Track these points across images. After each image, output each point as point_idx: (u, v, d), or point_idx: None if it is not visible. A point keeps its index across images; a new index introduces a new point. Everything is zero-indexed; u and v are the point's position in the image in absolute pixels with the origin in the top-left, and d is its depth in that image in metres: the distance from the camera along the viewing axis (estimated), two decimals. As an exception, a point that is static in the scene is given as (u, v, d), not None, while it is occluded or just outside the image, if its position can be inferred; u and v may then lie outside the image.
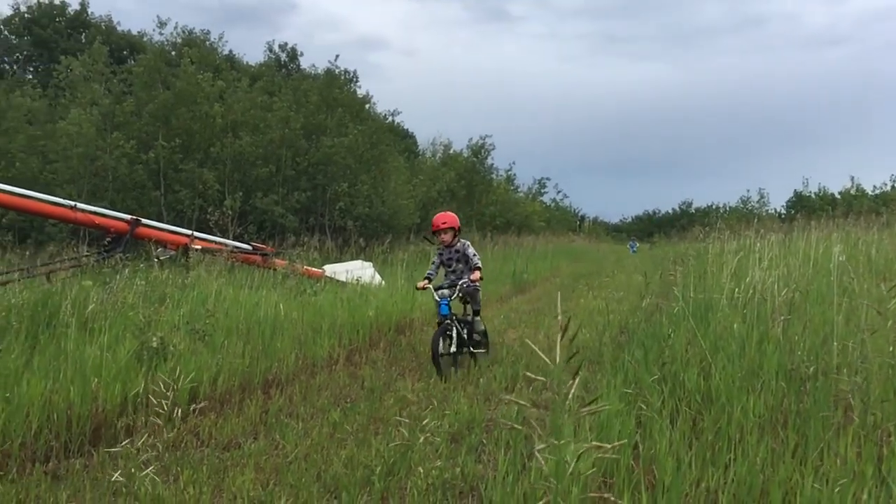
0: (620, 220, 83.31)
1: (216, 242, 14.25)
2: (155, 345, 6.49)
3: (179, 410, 5.76)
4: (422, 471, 4.39)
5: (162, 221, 16.76)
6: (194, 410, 5.85)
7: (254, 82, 26.09)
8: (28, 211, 13.92)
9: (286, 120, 22.52)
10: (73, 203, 13.70)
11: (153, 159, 20.32)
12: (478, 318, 8.36)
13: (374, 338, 9.25)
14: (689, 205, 72.22)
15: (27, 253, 12.97)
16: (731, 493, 3.68)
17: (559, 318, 3.15)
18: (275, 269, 13.02)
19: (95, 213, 13.81)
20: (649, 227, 70.44)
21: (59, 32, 35.59)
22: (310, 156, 22.99)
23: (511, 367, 7.62)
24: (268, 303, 9.21)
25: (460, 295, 8.07)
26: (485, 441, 5.17)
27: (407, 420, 5.46)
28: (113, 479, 4.35)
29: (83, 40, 34.57)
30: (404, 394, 6.65)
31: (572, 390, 3.02)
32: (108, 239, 12.64)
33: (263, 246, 15.11)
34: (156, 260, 12.23)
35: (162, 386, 5.85)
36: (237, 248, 14.41)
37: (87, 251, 13.90)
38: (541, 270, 20.82)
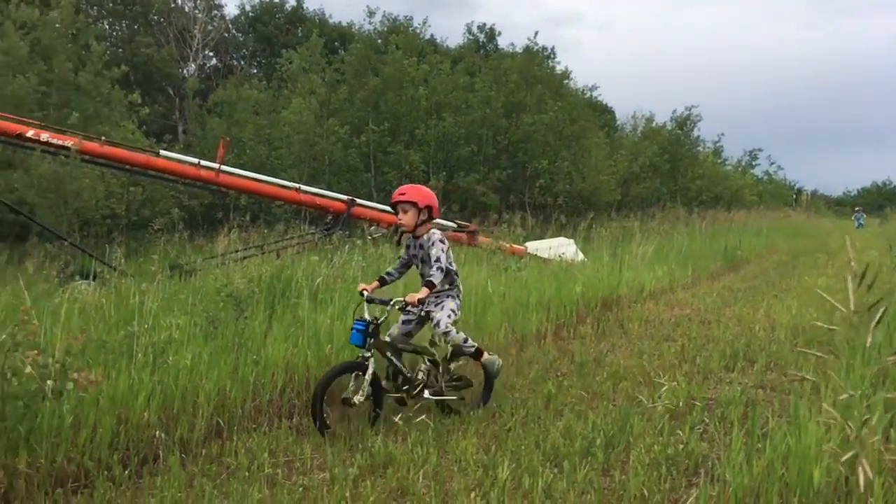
0: (844, 193, 76.33)
1: (423, 220, 14.85)
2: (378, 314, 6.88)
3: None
4: (642, 445, 4.33)
5: (372, 201, 17.68)
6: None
7: (455, 64, 26.72)
8: (260, 193, 15.30)
9: (487, 100, 22.88)
10: (297, 185, 14.88)
11: (364, 143, 21.50)
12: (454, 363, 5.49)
13: (581, 313, 9.21)
14: (929, 175, 64.51)
15: (264, 231, 14.26)
16: None
17: (852, 263, 3.00)
18: (479, 247, 13.34)
19: (317, 194, 14.91)
20: (878, 200, 63.84)
21: (279, 28, 38.49)
22: (510, 134, 23.21)
23: (730, 345, 7.29)
24: (476, 278, 9.47)
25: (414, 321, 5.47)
26: (707, 419, 4.99)
27: (621, 395, 5.41)
28: (348, 436, 4.73)
29: (299, 34, 37.15)
30: (616, 369, 6.57)
31: (869, 336, 2.85)
32: (330, 219, 13.55)
33: (468, 224, 15.51)
34: (369, 237, 12.97)
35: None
36: (442, 225, 14.92)
37: (310, 229, 15.00)
38: (755, 247, 19.58)
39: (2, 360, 3.99)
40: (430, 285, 5.03)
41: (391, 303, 5.09)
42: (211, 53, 35.21)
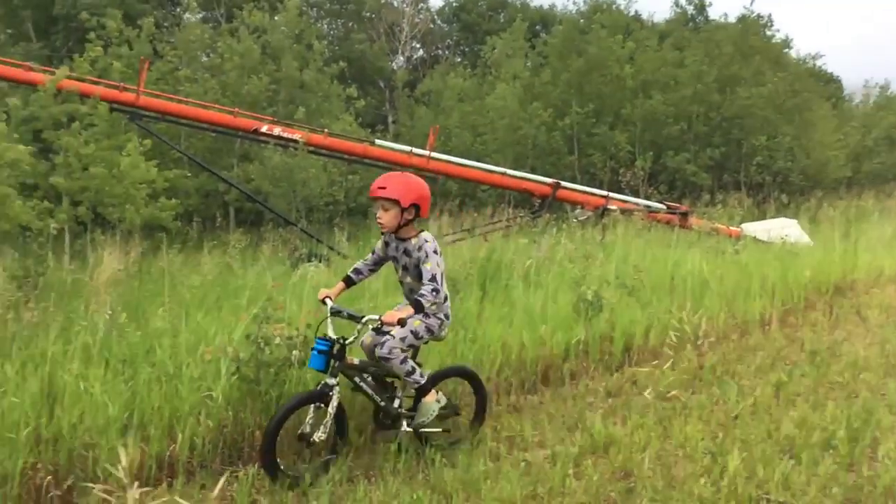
0: None
1: (631, 203, 14.50)
2: (590, 298, 6.83)
3: (616, 360, 6.09)
4: (893, 441, 3.95)
5: (576, 184, 17.52)
6: (631, 360, 6.07)
7: (662, 40, 25.69)
8: (467, 178, 15.72)
9: (698, 75, 21.79)
10: (503, 170, 15.12)
11: (568, 126, 21.34)
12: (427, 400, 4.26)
13: (810, 299, 8.54)
14: None
15: (474, 215, 14.67)
16: None
17: None
18: (690, 229, 12.79)
19: (522, 178, 15.06)
20: None
21: (482, 16, 39.09)
22: (723, 110, 21.97)
23: None
24: (689, 261, 9.09)
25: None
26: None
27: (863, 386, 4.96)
28: (565, 416, 4.75)
29: (501, 20, 37.49)
30: (854, 359, 6.04)
31: None
32: (538, 201, 13.63)
33: (678, 205, 14.92)
34: (574, 220, 12.88)
35: (598, 336, 6.22)
36: (650, 207, 14.47)
37: (514, 213, 15.18)
38: None
39: (256, 332, 4.43)
40: (419, 307, 4.00)
41: (363, 320, 4.06)
42: (418, 45, 36.59)
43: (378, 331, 4.19)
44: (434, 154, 14.52)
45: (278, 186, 15.03)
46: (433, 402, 4.21)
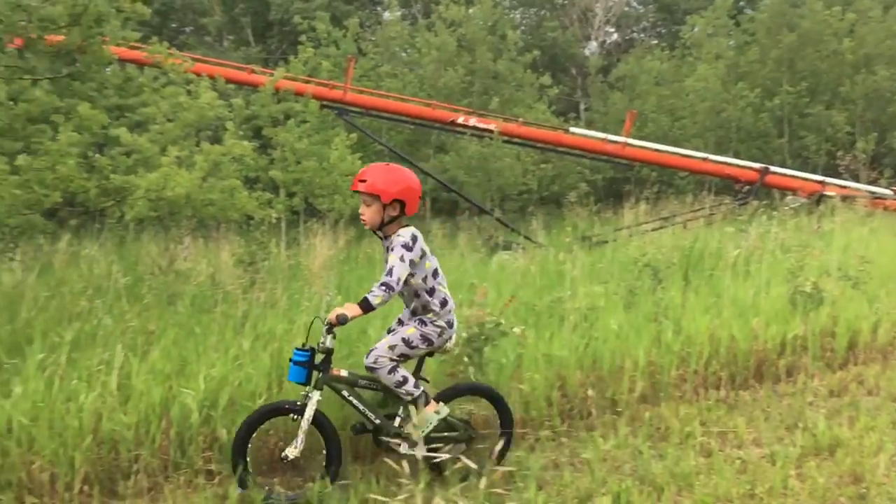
0: None
1: (852, 188, 13.31)
2: (808, 290, 6.34)
3: (839, 357, 5.64)
4: None
5: (787, 169, 16.33)
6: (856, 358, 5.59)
7: (887, 10, 23.20)
8: (665, 165, 15.17)
9: (931, 45, 19.50)
10: (704, 155, 14.43)
11: (778, 106, 19.91)
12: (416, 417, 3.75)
13: None
14: None
15: (675, 203, 14.17)
16: None
17: None
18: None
19: (725, 163, 14.30)
20: None
21: (682, -6, 37.42)
22: (964, 83, 19.49)
23: None
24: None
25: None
26: None
27: None
28: (783, 414, 4.45)
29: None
30: None
31: None
32: (745, 188, 12.92)
33: (911, 190, 13.51)
34: (786, 208, 12.02)
35: (818, 331, 5.78)
36: (875, 194, 13.20)
37: (714, 200, 14.45)
38: None
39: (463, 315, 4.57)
40: (365, 305, 3.50)
41: (327, 320, 3.57)
42: (612, 29, 35.70)
43: (327, 331, 3.61)
44: (630, 140, 14.15)
45: (473, 176, 15.33)
46: (431, 413, 3.72)
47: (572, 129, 15.28)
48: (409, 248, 3.62)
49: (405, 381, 3.70)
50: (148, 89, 9.29)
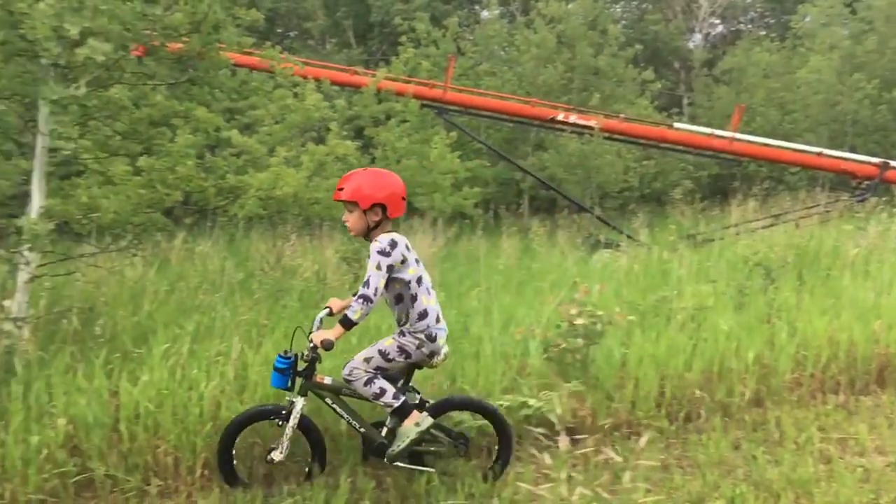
0: None
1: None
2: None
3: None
4: None
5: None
6: None
7: None
8: (776, 160, 14.57)
9: None
10: (818, 150, 13.76)
11: (897, 98, 18.79)
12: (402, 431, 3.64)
13: None
14: None
15: (787, 199, 13.58)
16: None
17: None
18: None
19: (842, 158, 13.59)
20: None
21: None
22: None
23: None
24: None
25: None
26: None
27: None
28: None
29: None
30: None
31: None
32: (864, 184, 12.27)
33: None
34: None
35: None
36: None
37: (829, 197, 13.77)
38: None
39: (566, 316, 4.54)
40: (346, 322, 3.42)
41: (311, 341, 3.55)
42: (717, 21, 34.54)
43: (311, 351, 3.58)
44: (738, 135, 13.67)
45: (573, 173, 15.16)
46: (410, 426, 3.57)
47: (676, 125, 14.87)
48: (385, 254, 3.48)
49: (383, 392, 3.58)
50: (261, 92, 9.64)
